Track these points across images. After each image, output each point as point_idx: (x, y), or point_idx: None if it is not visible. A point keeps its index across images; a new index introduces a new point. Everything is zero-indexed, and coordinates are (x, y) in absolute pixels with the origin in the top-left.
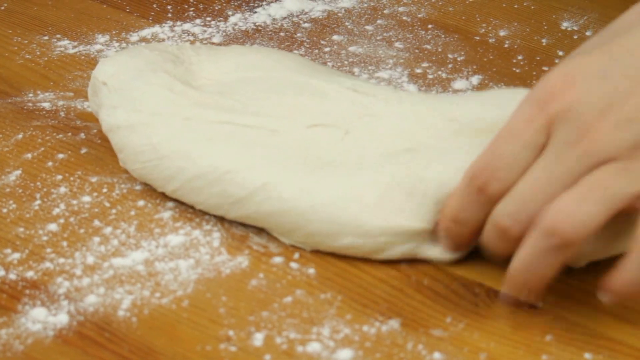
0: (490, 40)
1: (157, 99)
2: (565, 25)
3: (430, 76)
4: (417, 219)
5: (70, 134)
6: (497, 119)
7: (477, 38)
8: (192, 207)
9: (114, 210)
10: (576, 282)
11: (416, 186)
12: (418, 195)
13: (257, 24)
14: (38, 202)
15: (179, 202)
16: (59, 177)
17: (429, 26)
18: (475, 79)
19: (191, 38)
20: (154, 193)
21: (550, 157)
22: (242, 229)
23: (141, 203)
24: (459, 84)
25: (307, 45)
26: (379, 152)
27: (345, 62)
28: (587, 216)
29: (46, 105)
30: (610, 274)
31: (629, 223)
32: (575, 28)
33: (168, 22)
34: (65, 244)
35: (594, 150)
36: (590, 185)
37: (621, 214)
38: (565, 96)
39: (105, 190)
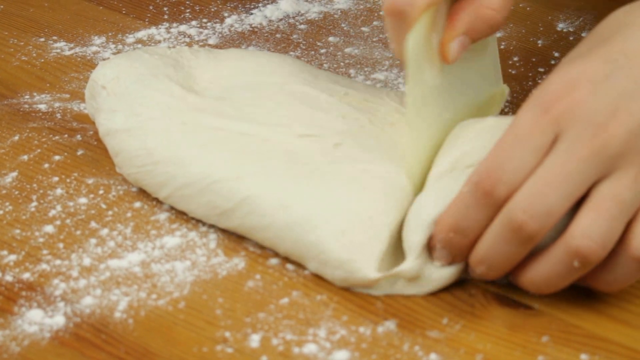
0: None
1: (156, 104)
2: (561, 26)
3: None
4: (375, 260)
5: (66, 135)
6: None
7: None
8: None
9: (110, 212)
10: (573, 283)
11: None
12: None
13: (253, 25)
14: (34, 203)
15: None
16: (55, 178)
17: None
18: None
19: (187, 40)
20: (150, 195)
21: (562, 153)
22: None
23: (137, 205)
24: None
25: (303, 47)
26: (362, 168)
27: (342, 64)
28: (608, 236)
29: (42, 107)
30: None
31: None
32: (570, 29)
33: (164, 23)
34: (61, 245)
35: (607, 150)
36: (609, 204)
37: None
38: (570, 98)
39: (101, 192)
